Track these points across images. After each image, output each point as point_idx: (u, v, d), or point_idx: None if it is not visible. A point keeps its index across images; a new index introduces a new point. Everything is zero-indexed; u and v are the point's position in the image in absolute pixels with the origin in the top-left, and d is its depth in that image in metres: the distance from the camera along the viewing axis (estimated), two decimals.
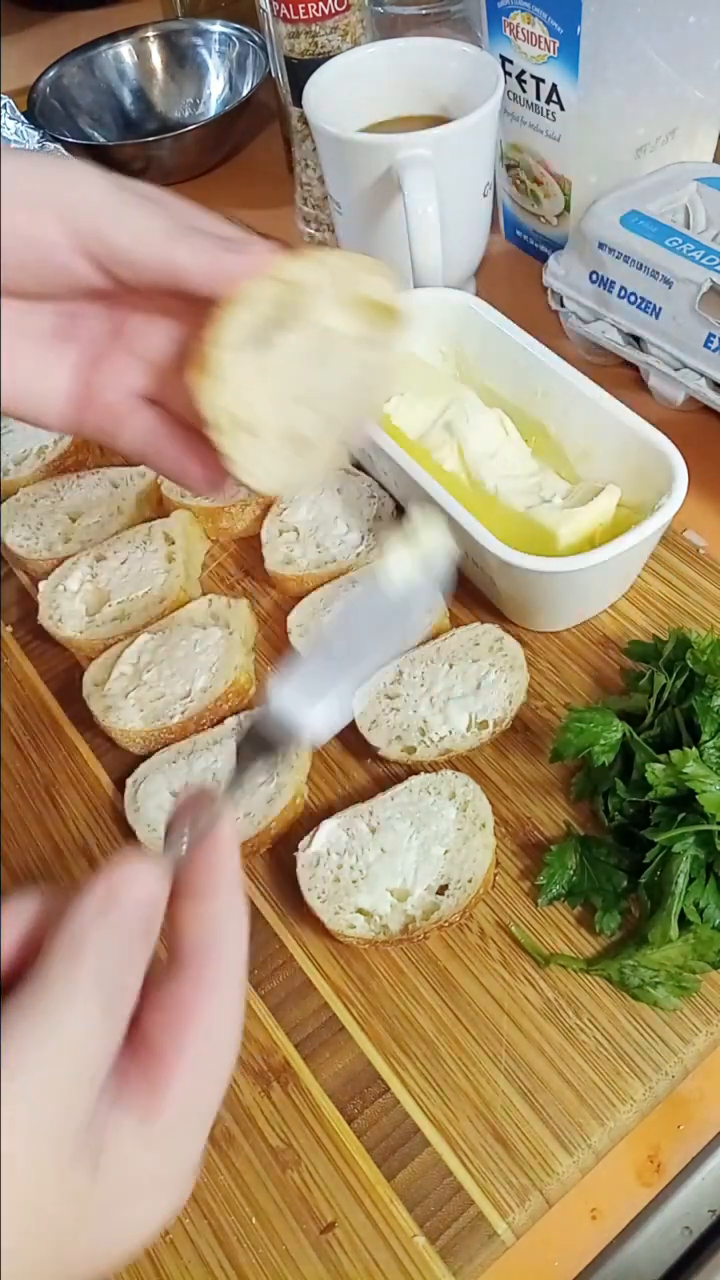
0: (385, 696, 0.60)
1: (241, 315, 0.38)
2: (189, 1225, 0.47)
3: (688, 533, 0.69)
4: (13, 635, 0.71)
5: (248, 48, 1.09)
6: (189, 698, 0.62)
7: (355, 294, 0.40)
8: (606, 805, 0.54)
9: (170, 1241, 0.47)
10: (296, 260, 0.39)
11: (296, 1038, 0.52)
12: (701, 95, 0.81)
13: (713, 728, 0.52)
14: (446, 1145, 0.48)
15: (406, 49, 0.79)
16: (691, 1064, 0.49)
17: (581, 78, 0.73)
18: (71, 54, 1.11)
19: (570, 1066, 0.49)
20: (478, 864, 0.53)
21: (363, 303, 0.40)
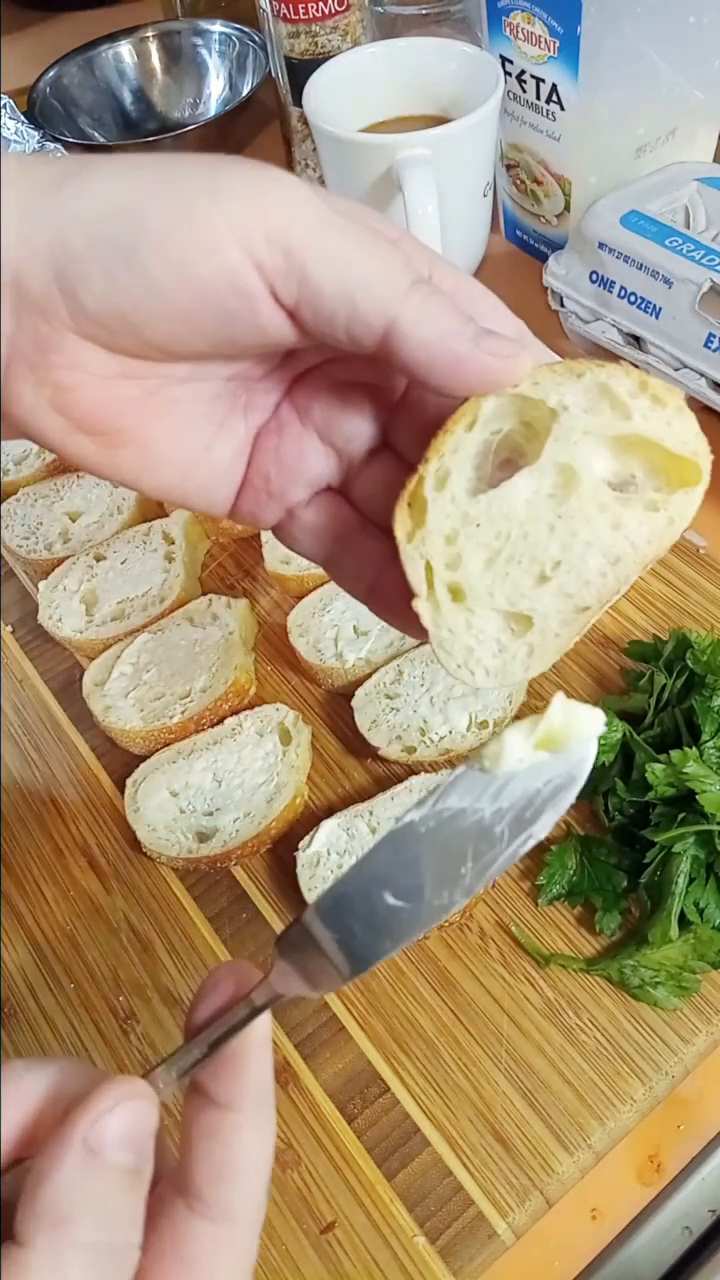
0: (385, 696, 0.60)
1: (470, 438, 0.30)
2: None
3: (688, 533, 0.68)
4: (13, 635, 0.71)
5: (248, 48, 1.09)
6: (189, 698, 0.62)
7: (627, 430, 0.30)
8: (606, 805, 0.54)
9: None
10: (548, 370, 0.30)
11: (296, 1038, 0.52)
12: (701, 95, 0.81)
13: (713, 728, 0.52)
14: (446, 1145, 0.48)
15: (406, 49, 0.79)
16: (691, 1064, 0.49)
17: (581, 78, 0.73)
18: (71, 54, 1.11)
19: (570, 1066, 0.49)
20: None
21: (637, 443, 0.30)
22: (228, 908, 0.56)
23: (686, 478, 0.30)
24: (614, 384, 0.30)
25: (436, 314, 0.27)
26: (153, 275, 0.27)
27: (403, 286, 0.27)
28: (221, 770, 0.59)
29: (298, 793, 0.58)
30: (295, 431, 0.33)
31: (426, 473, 0.30)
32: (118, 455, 0.31)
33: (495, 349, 0.28)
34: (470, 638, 0.31)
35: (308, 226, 0.27)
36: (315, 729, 0.62)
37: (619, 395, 0.30)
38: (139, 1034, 0.53)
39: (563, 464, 0.30)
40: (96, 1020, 0.54)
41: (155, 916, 0.57)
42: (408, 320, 0.27)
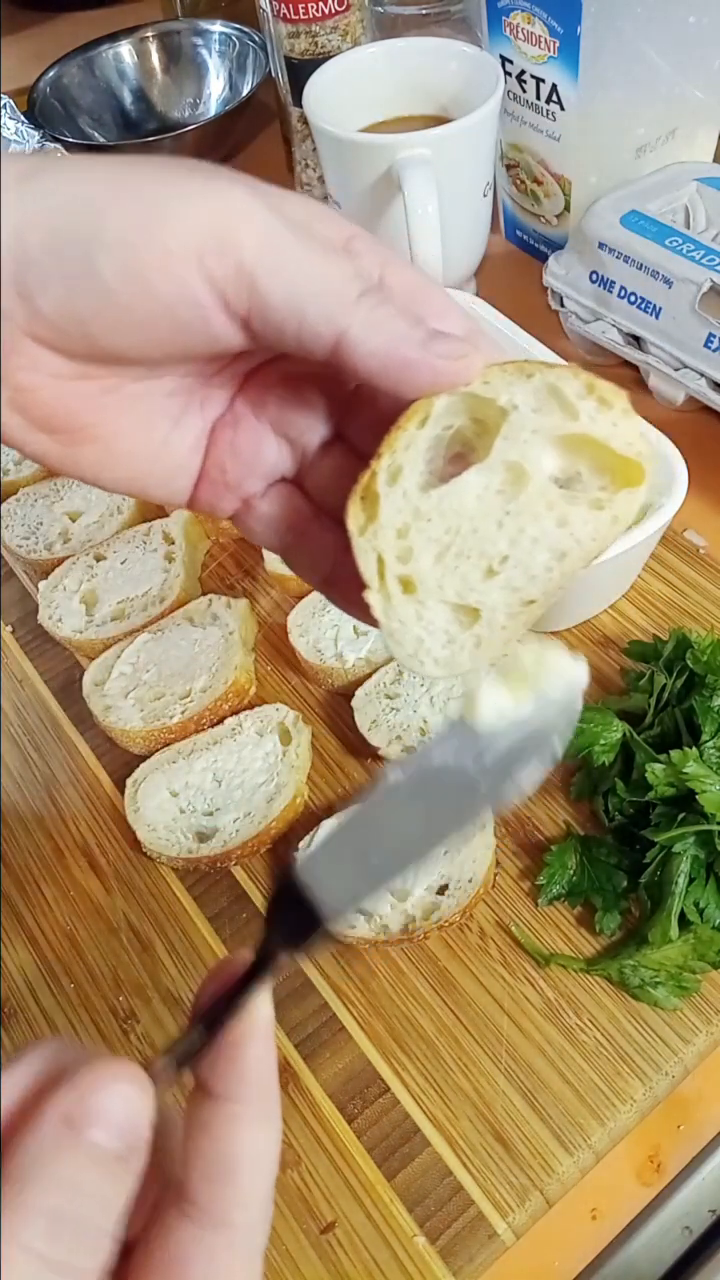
0: (385, 696, 0.60)
1: (422, 435, 0.30)
2: None
3: (688, 533, 0.69)
4: (13, 635, 0.71)
5: (248, 48, 1.09)
6: (189, 698, 0.62)
7: (574, 430, 0.31)
8: (606, 805, 0.54)
9: None
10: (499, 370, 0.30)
11: (296, 1038, 0.52)
12: (701, 95, 0.81)
13: (713, 728, 0.52)
14: (446, 1145, 0.48)
15: (406, 49, 0.79)
16: (691, 1064, 0.49)
17: (581, 78, 0.73)
18: (71, 54, 1.11)
19: (570, 1066, 0.49)
20: (478, 864, 0.53)
21: (584, 443, 0.31)
22: (228, 908, 0.56)
23: (630, 478, 0.31)
24: (563, 385, 0.30)
25: (385, 321, 0.28)
26: (109, 284, 0.27)
27: (351, 296, 0.28)
28: (221, 770, 0.59)
29: (298, 793, 0.58)
30: (250, 424, 0.33)
31: (379, 468, 0.30)
32: (78, 452, 0.31)
33: (445, 351, 0.28)
34: (420, 628, 0.32)
35: (259, 239, 0.27)
36: (315, 729, 0.62)
37: (567, 396, 0.30)
38: (139, 1034, 0.53)
39: (511, 462, 0.31)
40: (96, 1020, 0.54)
41: (155, 916, 0.57)
42: (356, 330, 0.28)
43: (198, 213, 0.27)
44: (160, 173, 0.28)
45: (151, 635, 0.65)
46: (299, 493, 0.34)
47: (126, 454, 0.32)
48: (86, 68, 1.12)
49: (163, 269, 0.27)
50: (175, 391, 0.32)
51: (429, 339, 0.28)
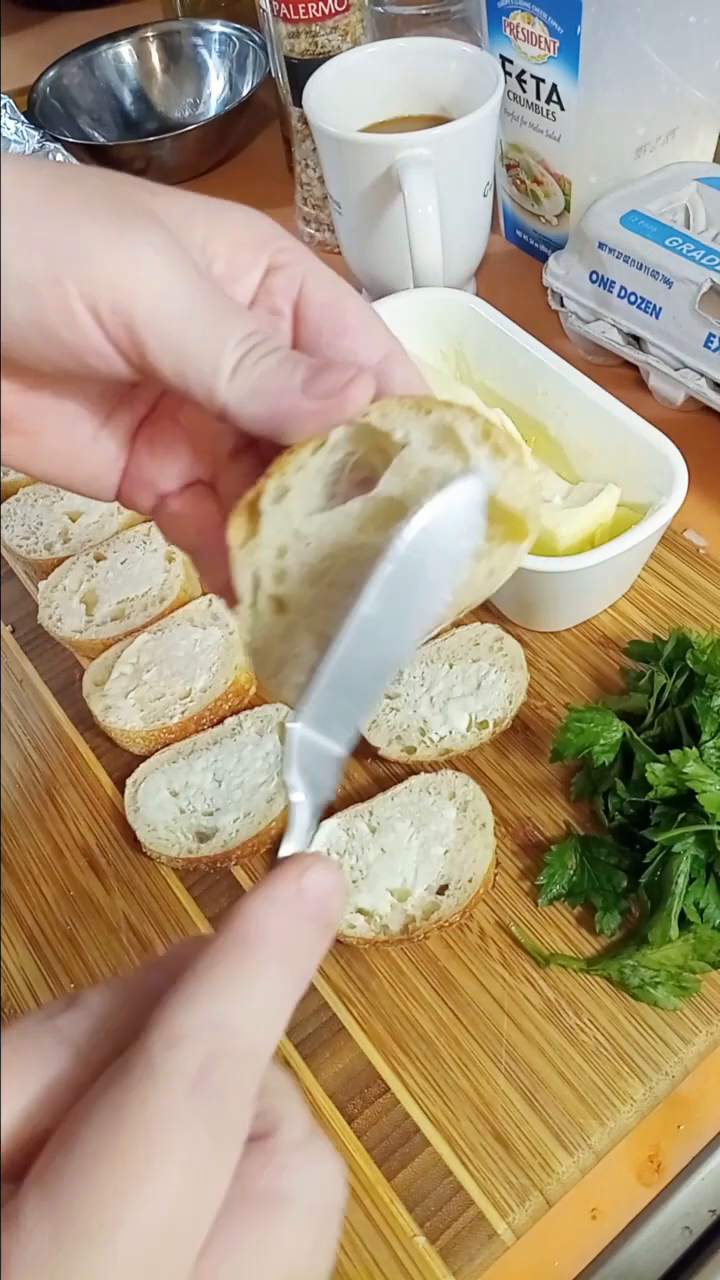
0: (385, 696, 0.60)
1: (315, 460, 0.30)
2: None
3: (688, 533, 0.69)
4: (13, 635, 0.71)
5: (248, 48, 1.09)
6: (189, 698, 0.62)
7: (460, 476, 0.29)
8: (606, 805, 0.54)
9: None
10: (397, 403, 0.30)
11: (296, 1038, 0.52)
12: (701, 95, 0.81)
13: (713, 728, 0.52)
14: (446, 1145, 0.48)
15: (406, 49, 0.79)
16: (691, 1064, 0.49)
17: (581, 78, 0.73)
18: (71, 54, 1.11)
19: (570, 1066, 0.49)
20: (478, 864, 0.53)
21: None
22: (228, 908, 0.56)
23: (515, 532, 0.30)
24: (457, 426, 0.29)
25: (259, 381, 0.28)
26: (17, 322, 0.28)
27: (229, 365, 0.28)
28: (221, 770, 0.59)
29: None
30: (167, 425, 0.34)
31: (265, 487, 0.30)
32: (7, 440, 0.32)
33: (325, 389, 0.28)
34: (284, 650, 0.31)
35: (149, 304, 0.28)
36: None
37: (461, 439, 0.30)
38: None
39: (394, 498, 0.30)
40: None
41: (155, 916, 0.57)
42: (234, 400, 0.29)
43: (101, 264, 0.28)
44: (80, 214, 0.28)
45: (151, 635, 0.65)
46: (212, 496, 0.35)
47: (54, 450, 0.33)
48: (86, 68, 1.12)
49: (62, 317, 0.28)
50: (99, 398, 0.33)
51: (309, 381, 0.28)
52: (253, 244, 0.31)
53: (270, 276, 0.31)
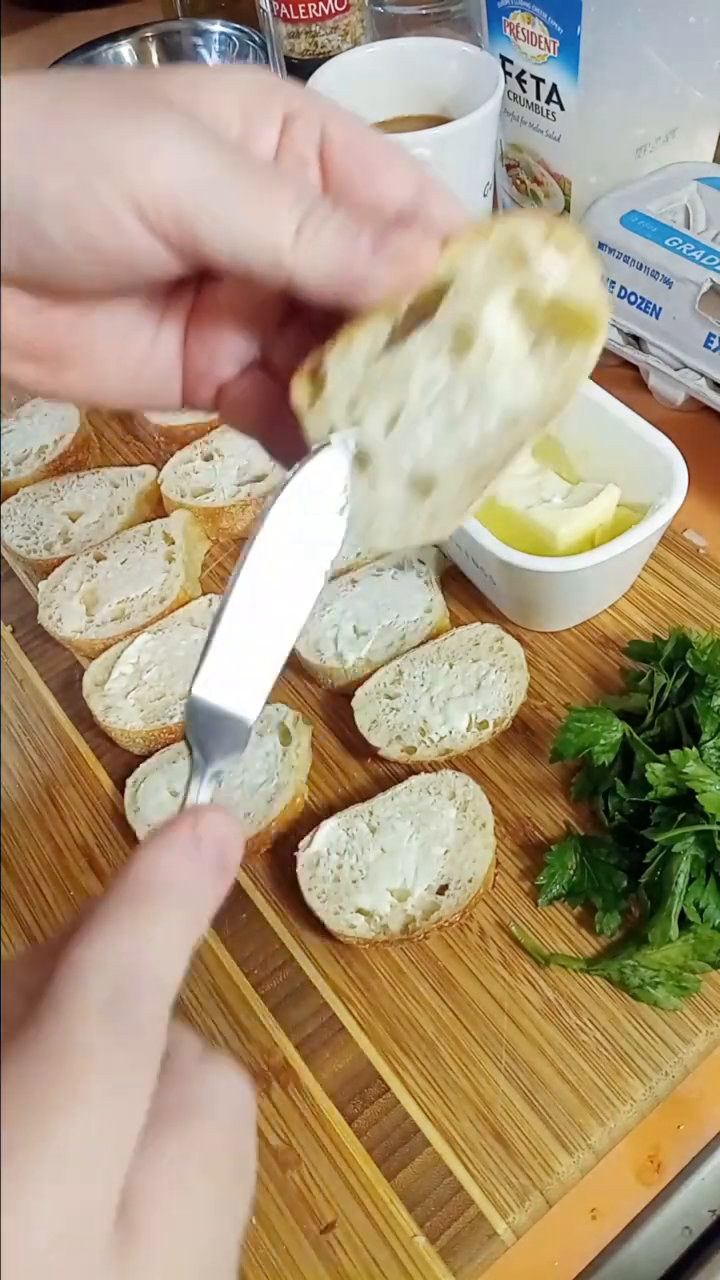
0: (385, 696, 0.60)
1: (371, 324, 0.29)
2: None
3: (688, 533, 0.69)
4: (13, 635, 0.71)
5: (248, 48, 1.09)
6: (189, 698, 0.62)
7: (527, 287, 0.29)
8: (606, 805, 0.54)
9: None
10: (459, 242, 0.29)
11: (296, 1038, 0.52)
12: (701, 95, 0.81)
13: (713, 728, 0.52)
14: (446, 1145, 0.48)
15: (406, 49, 0.79)
16: (691, 1064, 0.49)
17: (581, 78, 0.73)
18: (71, 54, 1.11)
19: (570, 1066, 0.49)
20: (478, 864, 0.53)
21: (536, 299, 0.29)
22: (228, 908, 0.56)
23: (586, 330, 0.29)
24: (522, 232, 0.29)
25: (327, 246, 0.28)
26: (58, 246, 0.28)
27: (289, 232, 0.27)
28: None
29: (298, 793, 0.58)
30: (211, 312, 0.33)
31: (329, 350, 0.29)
32: (66, 376, 0.32)
33: (396, 251, 0.28)
34: (374, 501, 0.31)
35: (194, 190, 0.27)
36: (315, 729, 0.62)
37: (525, 245, 0.29)
38: None
39: (459, 322, 0.29)
40: None
41: None
42: (302, 270, 0.28)
43: (131, 165, 0.27)
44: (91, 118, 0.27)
45: (152, 635, 0.65)
46: (269, 375, 0.34)
47: (115, 370, 0.33)
48: (86, 68, 1.12)
49: (106, 226, 0.27)
50: (148, 303, 0.33)
51: (378, 242, 0.28)
52: (262, 99, 0.30)
53: (288, 127, 0.30)
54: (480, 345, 0.29)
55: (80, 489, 0.75)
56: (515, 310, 0.30)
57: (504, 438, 0.30)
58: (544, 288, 0.29)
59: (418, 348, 0.30)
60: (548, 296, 0.29)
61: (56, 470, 0.76)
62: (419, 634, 0.63)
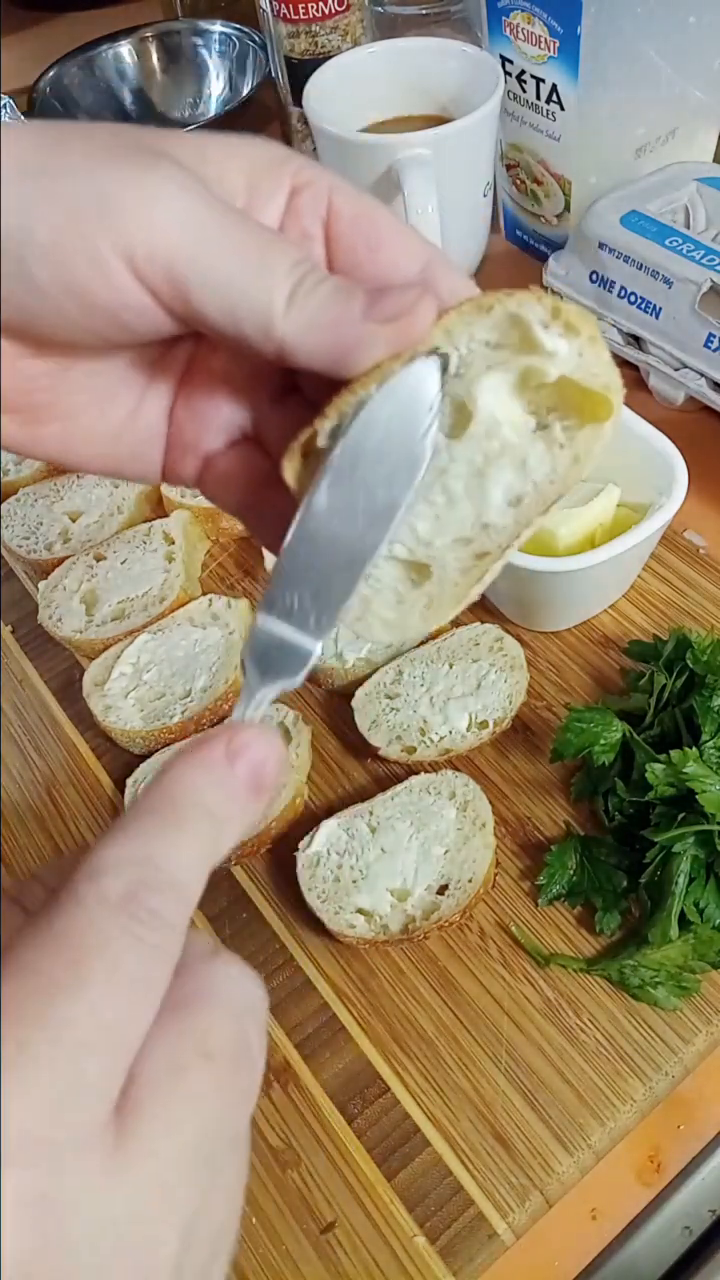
0: (385, 696, 0.60)
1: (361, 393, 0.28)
2: None
3: (688, 533, 0.69)
4: (13, 635, 0.71)
5: (248, 48, 1.09)
6: (189, 698, 0.62)
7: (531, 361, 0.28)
8: (606, 805, 0.54)
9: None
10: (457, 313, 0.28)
11: (296, 1038, 0.52)
12: (701, 95, 0.81)
13: (713, 728, 0.52)
14: (446, 1145, 0.48)
15: (406, 49, 0.79)
16: (691, 1064, 0.49)
17: (581, 78, 0.73)
18: (71, 54, 1.11)
19: (570, 1066, 0.49)
20: (478, 864, 0.53)
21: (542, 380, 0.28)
22: (228, 908, 0.56)
23: (596, 412, 0.29)
24: (524, 312, 0.28)
25: (319, 309, 0.27)
26: (44, 289, 0.26)
27: (282, 297, 0.27)
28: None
29: (298, 793, 0.58)
30: (203, 379, 0.32)
31: (322, 427, 0.28)
32: (41, 432, 0.31)
33: (387, 312, 0.27)
34: (367, 589, 0.30)
35: (188, 246, 0.26)
36: (315, 729, 0.62)
37: (530, 325, 0.28)
38: None
39: (460, 402, 0.28)
40: None
41: None
42: (293, 336, 0.27)
43: (128, 211, 0.26)
44: (94, 164, 0.26)
45: (152, 635, 0.65)
46: (259, 451, 0.33)
47: (94, 431, 0.31)
48: (86, 68, 1.12)
49: (94, 272, 0.26)
50: (136, 364, 0.31)
51: (369, 306, 0.27)
52: (269, 170, 0.29)
53: (294, 199, 0.29)
54: (480, 424, 0.28)
55: (80, 489, 0.75)
56: (519, 389, 0.29)
57: (505, 520, 0.29)
58: (551, 370, 0.28)
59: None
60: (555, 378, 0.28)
61: (56, 470, 0.76)
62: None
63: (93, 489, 0.74)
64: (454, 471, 0.29)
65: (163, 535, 0.70)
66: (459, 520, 0.29)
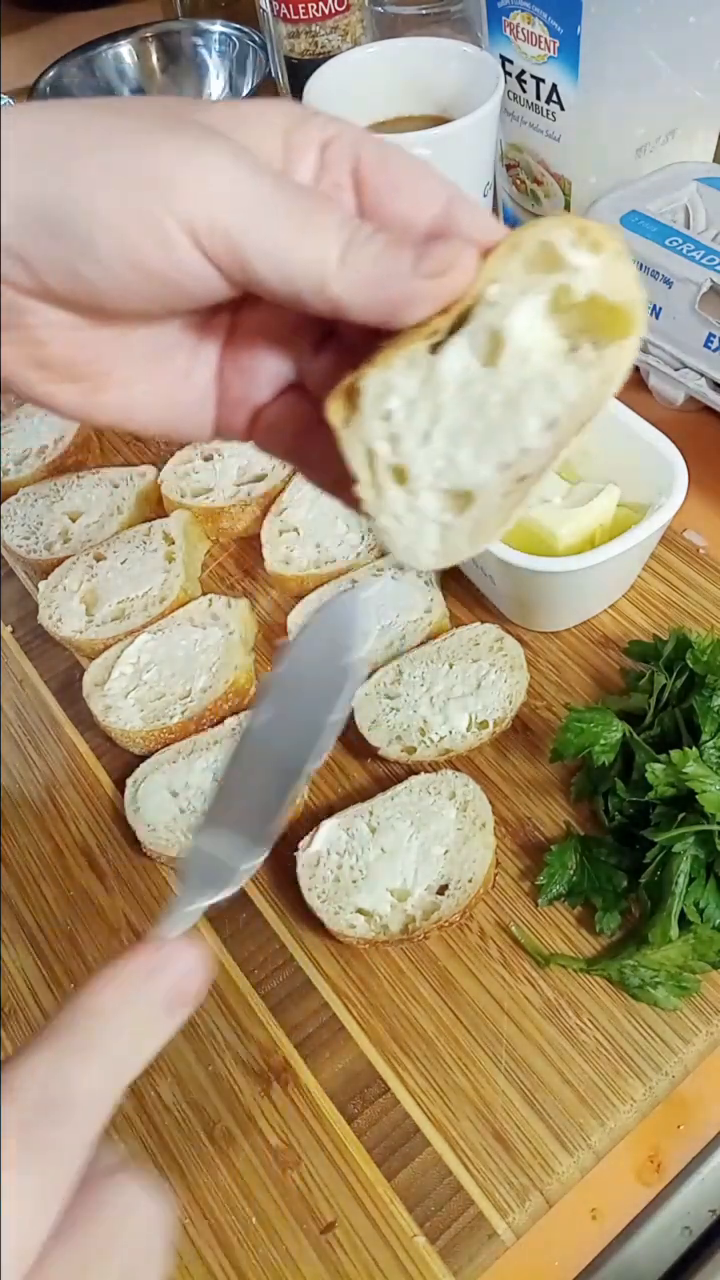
0: (385, 696, 0.60)
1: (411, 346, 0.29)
2: (189, 1225, 0.47)
3: (688, 533, 0.69)
4: (13, 635, 0.71)
5: (248, 48, 1.09)
6: (189, 698, 0.62)
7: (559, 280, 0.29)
8: (606, 805, 0.54)
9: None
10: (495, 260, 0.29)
11: (296, 1038, 0.52)
12: (701, 95, 0.81)
13: (713, 728, 0.52)
14: (446, 1145, 0.48)
15: (406, 49, 0.79)
16: (691, 1064, 0.49)
17: (581, 78, 0.73)
18: (71, 54, 1.11)
19: (570, 1066, 0.49)
20: (478, 864, 0.53)
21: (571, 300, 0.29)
22: (228, 908, 0.56)
23: (621, 328, 0.29)
24: (553, 236, 0.29)
25: (370, 267, 0.28)
26: (109, 265, 0.28)
27: (334, 257, 0.28)
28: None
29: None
30: (246, 336, 0.33)
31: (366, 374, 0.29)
32: (103, 399, 0.32)
33: (435, 266, 0.28)
34: (413, 519, 0.30)
35: (244, 216, 0.28)
36: None
37: (559, 248, 0.29)
38: None
39: (493, 328, 0.29)
40: None
41: (155, 916, 0.57)
42: (347, 295, 0.28)
43: (187, 187, 0.27)
44: (146, 140, 0.28)
45: (152, 635, 0.65)
46: (305, 397, 0.34)
47: (151, 394, 0.33)
48: (86, 68, 1.12)
49: (158, 246, 0.28)
50: (186, 328, 0.33)
51: (418, 260, 0.28)
52: (299, 128, 0.31)
53: (323, 154, 0.31)
54: (514, 351, 0.29)
55: (80, 489, 0.75)
56: (550, 314, 0.30)
57: (543, 442, 0.30)
58: (579, 287, 0.29)
59: (452, 359, 0.29)
60: (583, 296, 0.29)
61: (56, 470, 0.76)
62: (419, 634, 0.63)
63: (92, 489, 0.74)
64: (491, 399, 0.30)
65: (163, 535, 0.70)
66: (499, 447, 0.30)
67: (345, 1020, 0.52)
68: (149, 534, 0.71)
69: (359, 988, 0.53)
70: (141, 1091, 0.50)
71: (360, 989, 0.53)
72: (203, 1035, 0.52)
